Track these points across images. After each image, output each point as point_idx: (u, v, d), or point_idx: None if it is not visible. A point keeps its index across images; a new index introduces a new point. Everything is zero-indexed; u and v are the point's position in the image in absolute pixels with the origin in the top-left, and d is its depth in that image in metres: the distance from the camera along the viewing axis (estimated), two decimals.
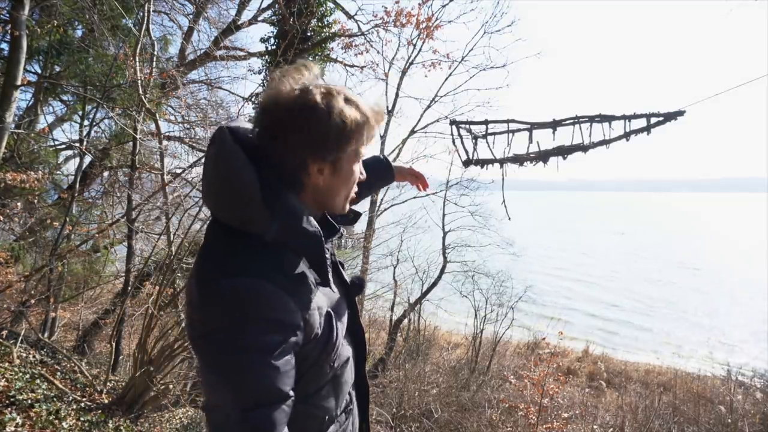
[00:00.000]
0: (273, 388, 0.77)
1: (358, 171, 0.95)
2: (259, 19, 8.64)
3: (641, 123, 4.02)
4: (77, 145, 6.32)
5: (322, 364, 0.91)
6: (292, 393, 0.81)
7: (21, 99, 5.99)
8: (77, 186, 6.44)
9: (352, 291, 1.06)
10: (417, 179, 1.54)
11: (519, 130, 4.26)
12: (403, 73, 10.38)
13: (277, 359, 0.77)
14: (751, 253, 33.34)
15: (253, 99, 7.96)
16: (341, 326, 0.95)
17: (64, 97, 7.50)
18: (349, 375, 1.01)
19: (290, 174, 0.87)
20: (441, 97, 10.82)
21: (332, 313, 0.91)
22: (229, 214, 0.84)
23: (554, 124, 4.12)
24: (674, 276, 25.65)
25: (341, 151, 0.88)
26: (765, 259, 27.47)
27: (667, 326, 16.41)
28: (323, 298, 0.90)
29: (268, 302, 0.78)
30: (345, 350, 0.98)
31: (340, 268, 1.06)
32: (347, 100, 0.87)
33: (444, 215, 11.24)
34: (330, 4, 8.20)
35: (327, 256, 0.90)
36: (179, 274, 4.76)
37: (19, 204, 5.60)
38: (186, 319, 0.84)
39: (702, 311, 18.50)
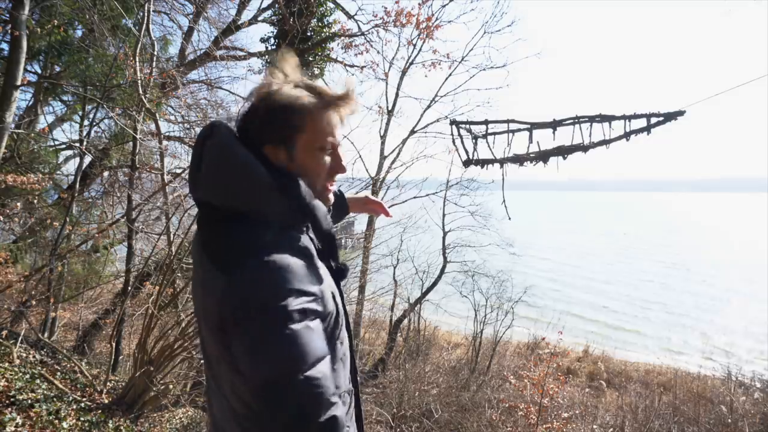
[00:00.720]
0: (319, 347, 0.81)
1: (326, 163, 0.97)
2: (259, 19, 8.64)
3: (641, 123, 4.02)
4: (77, 145, 6.32)
5: (334, 342, 0.94)
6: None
7: (21, 99, 6.00)
8: (77, 186, 6.44)
9: (338, 276, 1.08)
10: (376, 206, 1.51)
11: (519, 130, 4.26)
12: (403, 73, 10.38)
13: (313, 323, 0.82)
14: (751, 253, 33.34)
15: None
16: (341, 306, 0.99)
17: (64, 97, 7.51)
18: (349, 357, 1.04)
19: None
20: (441, 97, 10.81)
21: (334, 293, 0.95)
22: (238, 199, 0.88)
23: (554, 124, 4.12)
24: (674, 278, 25.66)
25: (291, 139, 0.93)
26: (765, 260, 27.45)
27: (664, 331, 16.38)
28: (327, 277, 0.95)
29: (297, 274, 0.83)
30: (344, 331, 1.02)
31: None
32: (307, 88, 0.93)
33: (444, 215, 11.23)
34: (330, 4, 8.21)
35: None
36: (179, 274, 4.76)
37: (19, 204, 5.61)
38: (211, 309, 0.85)
39: (701, 314, 18.47)
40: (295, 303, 0.80)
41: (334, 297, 0.95)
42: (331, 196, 1.03)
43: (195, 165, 0.91)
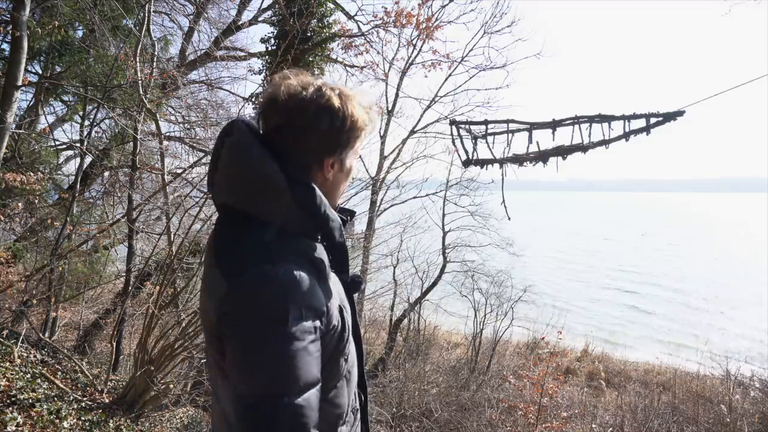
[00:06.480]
0: (311, 373, 0.77)
1: (356, 166, 1.02)
2: (260, 19, 8.66)
3: (641, 123, 4.03)
4: (78, 145, 6.32)
5: (338, 358, 0.91)
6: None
7: (22, 99, 6.01)
8: (78, 186, 6.43)
9: (351, 289, 1.06)
10: None
11: (519, 130, 4.27)
12: (403, 73, 10.39)
13: (312, 345, 0.78)
14: (752, 253, 33.32)
15: (253, 99, 7.97)
16: (349, 321, 0.96)
17: (65, 98, 7.52)
18: (356, 373, 1.02)
19: (306, 167, 0.90)
20: (441, 97, 10.82)
21: (342, 306, 0.93)
22: (251, 203, 0.85)
23: (554, 124, 4.13)
24: (673, 277, 25.63)
25: (350, 148, 0.94)
26: (765, 261, 27.43)
27: (664, 330, 16.35)
28: (337, 290, 0.93)
29: (302, 289, 0.79)
30: (353, 347, 0.99)
31: None
32: (359, 103, 0.92)
33: (444, 215, 11.25)
34: (330, 5, 8.21)
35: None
36: (179, 274, 4.77)
37: (20, 204, 5.62)
38: (210, 313, 0.82)
39: (702, 314, 18.42)
40: (295, 321, 0.76)
41: (342, 311, 0.91)
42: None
43: (213, 164, 0.89)
